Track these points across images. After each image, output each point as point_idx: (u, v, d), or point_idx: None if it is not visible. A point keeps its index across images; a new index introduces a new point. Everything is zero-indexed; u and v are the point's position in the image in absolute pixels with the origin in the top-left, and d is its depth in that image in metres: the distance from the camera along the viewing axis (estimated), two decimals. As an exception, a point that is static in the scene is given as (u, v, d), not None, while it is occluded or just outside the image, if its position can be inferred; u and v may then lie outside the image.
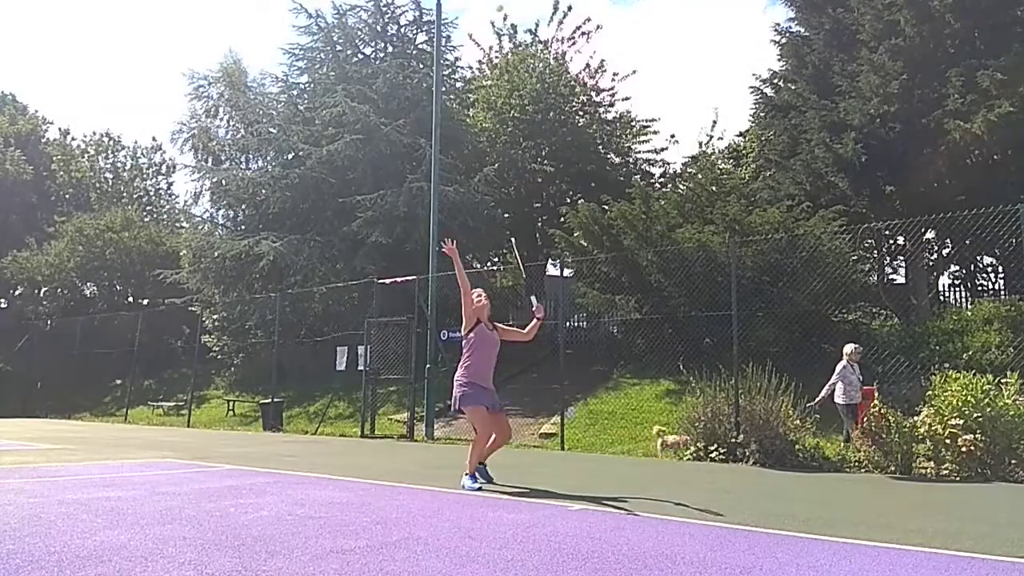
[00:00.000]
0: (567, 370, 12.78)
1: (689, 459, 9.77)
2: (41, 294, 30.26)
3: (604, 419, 13.35)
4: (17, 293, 31.04)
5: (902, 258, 16.61)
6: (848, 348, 9.91)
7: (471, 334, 6.60)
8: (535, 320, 6.66)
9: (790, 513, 5.56)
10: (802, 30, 16.68)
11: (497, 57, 24.09)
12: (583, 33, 23.26)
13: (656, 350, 13.91)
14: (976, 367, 9.36)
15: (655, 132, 22.84)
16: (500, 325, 6.91)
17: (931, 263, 16.18)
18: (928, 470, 8.22)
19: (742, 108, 47.50)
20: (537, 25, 23.99)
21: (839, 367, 9.73)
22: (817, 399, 9.66)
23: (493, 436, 6.60)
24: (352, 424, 15.79)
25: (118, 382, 24.65)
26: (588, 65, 23.57)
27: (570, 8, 23.41)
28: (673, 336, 13.72)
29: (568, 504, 5.61)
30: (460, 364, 6.61)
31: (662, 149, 23.12)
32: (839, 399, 9.64)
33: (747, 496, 6.67)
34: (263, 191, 21.08)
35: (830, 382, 9.73)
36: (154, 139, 56.75)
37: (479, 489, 6.25)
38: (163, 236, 29.32)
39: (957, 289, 17.35)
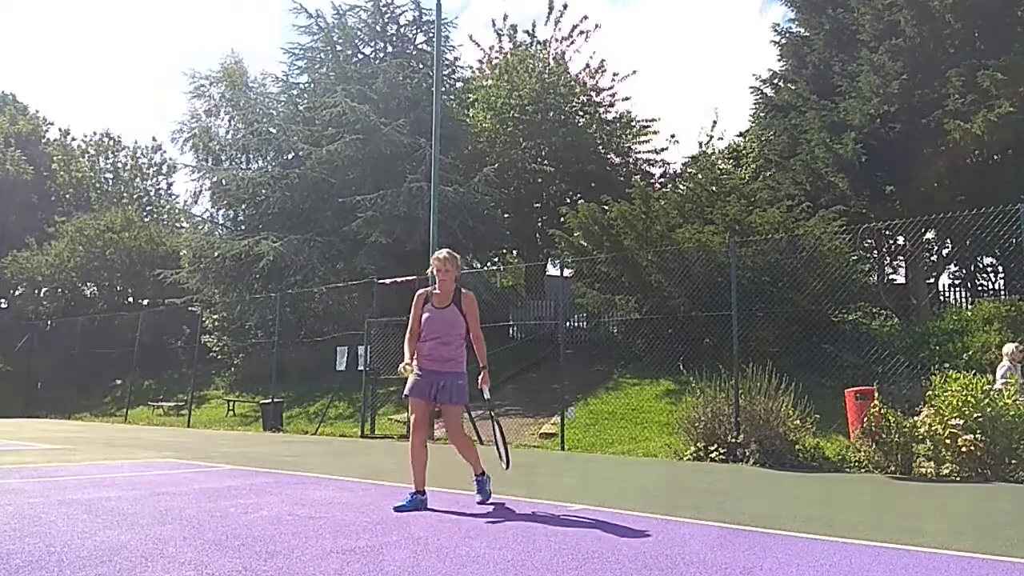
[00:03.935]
0: (567, 370, 12.77)
1: (689, 459, 9.77)
2: (41, 294, 30.24)
3: (604, 419, 13.34)
4: (17, 293, 31.02)
5: (902, 258, 16.64)
6: (1008, 348, 8.76)
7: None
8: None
9: (790, 513, 5.56)
10: (802, 30, 16.72)
11: (497, 57, 24.09)
12: (581, 32, 23.28)
13: (656, 350, 13.90)
14: (976, 367, 9.36)
15: (655, 132, 22.85)
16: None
17: (931, 263, 16.19)
18: (928, 470, 8.21)
19: (742, 108, 47.51)
20: (534, 25, 23.87)
21: (1001, 371, 8.54)
22: None
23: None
24: (352, 424, 15.78)
25: (118, 382, 24.64)
26: (588, 65, 23.57)
27: (565, 7, 23.43)
28: (673, 336, 13.70)
29: (568, 504, 5.61)
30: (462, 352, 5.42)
31: (662, 149, 23.10)
32: None
33: (747, 496, 6.66)
34: (263, 191, 21.07)
35: (995, 388, 8.24)
36: (154, 139, 56.89)
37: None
38: (163, 236, 29.28)
39: (957, 289, 17.36)
